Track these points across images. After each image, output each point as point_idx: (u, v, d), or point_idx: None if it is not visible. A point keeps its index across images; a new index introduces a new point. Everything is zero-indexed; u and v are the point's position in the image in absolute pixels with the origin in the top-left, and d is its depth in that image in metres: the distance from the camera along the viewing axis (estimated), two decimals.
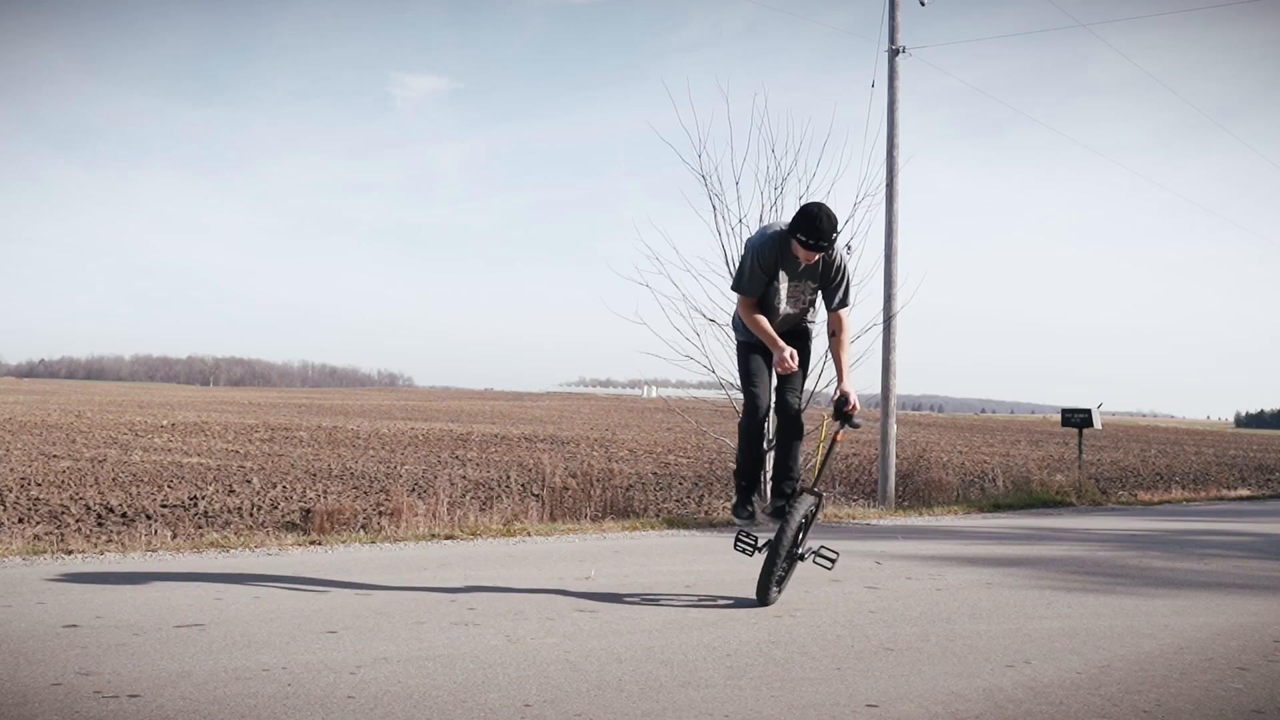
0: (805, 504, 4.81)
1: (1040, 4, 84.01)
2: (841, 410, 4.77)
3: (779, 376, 4.84)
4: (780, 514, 4.80)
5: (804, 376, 4.94)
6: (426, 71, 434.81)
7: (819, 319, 5.01)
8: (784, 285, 4.72)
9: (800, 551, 4.87)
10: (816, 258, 4.57)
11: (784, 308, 4.79)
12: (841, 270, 4.74)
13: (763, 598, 4.70)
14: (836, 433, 4.86)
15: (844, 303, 4.80)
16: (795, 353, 4.66)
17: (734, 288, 4.82)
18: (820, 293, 4.82)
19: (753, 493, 4.98)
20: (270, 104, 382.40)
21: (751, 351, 4.91)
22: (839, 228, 4.49)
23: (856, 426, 4.79)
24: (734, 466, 5.02)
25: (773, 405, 4.93)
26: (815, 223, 4.42)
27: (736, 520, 4.99)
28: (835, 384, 4.83)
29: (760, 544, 4.92)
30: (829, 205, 4.52)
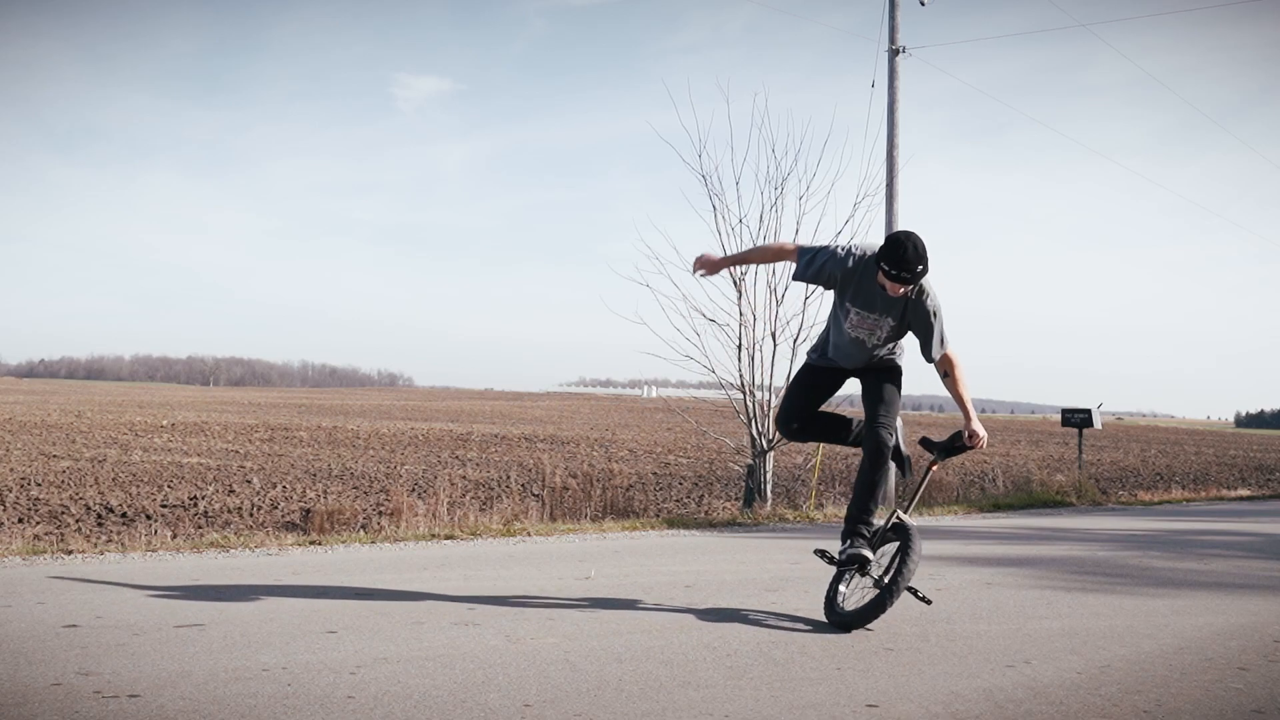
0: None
1: (1040, 4, 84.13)
2: (955, 444, 4.47)
3: (868, 406, 4.52)
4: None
5: (893, 406, 4.47)
6: (428, 72, 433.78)
7: (906, 351, 4.60)
8: (854, 310, 4.38)
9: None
10: (901, 292, 4.18)
11: (851, 332, 4.42)
12: (928, 316, 4.30)
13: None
14: (933, 464, 4.61)
15: (942, 347, 4.37)
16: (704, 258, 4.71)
17: (795, 276, 4.58)
18: (913, 336, 4.43)
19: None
20: (272, 105, 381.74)
21: (807, 370, 4.74)
22: (927, 262, 4.09)
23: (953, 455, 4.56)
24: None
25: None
26: (899, 251, 4.05)
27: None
28: (964, 425, 4.45)
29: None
30: (920, 237, 4.12)
